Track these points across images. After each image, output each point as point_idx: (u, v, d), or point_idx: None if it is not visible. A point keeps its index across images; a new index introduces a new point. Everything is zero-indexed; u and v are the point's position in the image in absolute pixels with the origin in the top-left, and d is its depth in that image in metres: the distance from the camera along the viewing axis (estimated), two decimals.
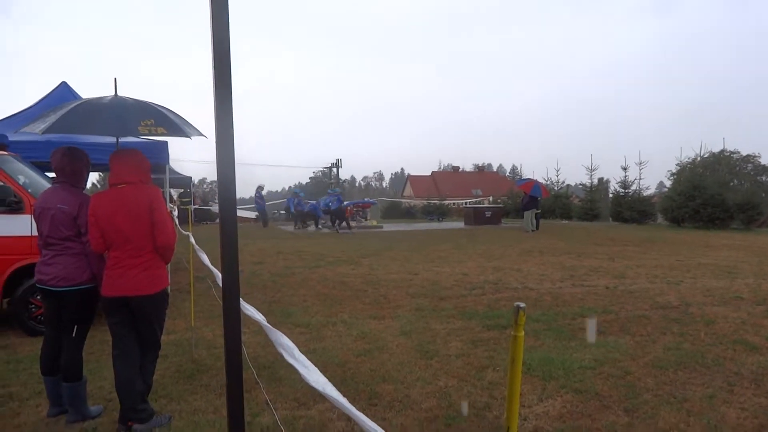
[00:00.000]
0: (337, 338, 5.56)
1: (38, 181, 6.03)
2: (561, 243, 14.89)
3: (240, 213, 39.18)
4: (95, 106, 3.64)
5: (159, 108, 3.82)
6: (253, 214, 41.70)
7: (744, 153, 31.97)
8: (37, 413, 3.82)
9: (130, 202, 3.47)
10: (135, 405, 3.49)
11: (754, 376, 4.35)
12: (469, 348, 5.17)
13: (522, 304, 1.26)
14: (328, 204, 21.33)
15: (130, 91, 4.10)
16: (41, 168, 6.67)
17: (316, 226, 22.14)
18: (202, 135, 3.84)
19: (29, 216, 5.50)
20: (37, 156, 6.98)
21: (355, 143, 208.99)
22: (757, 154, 31.84)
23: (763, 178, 31.96)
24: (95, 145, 6.95)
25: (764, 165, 31.89)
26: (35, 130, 3.49)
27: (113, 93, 3.95)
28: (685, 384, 4.22)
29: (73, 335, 3.65)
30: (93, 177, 38.17)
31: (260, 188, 23.57)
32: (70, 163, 3.72)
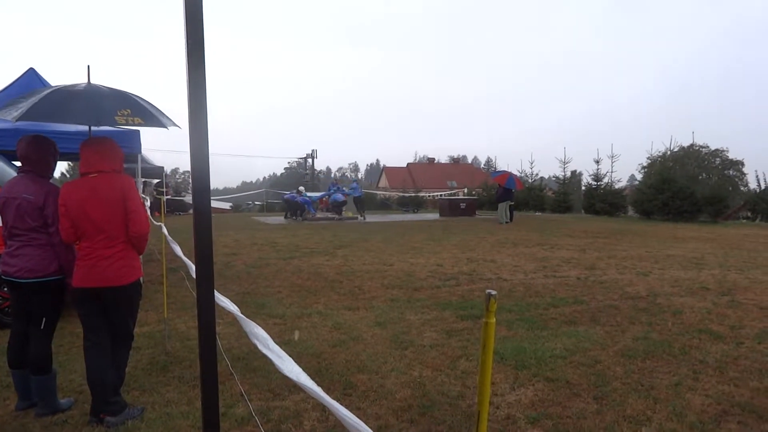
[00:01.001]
0: (311, 329, 5.56)
1: (4, 170, 5.87)
2: (534, 234, 15.09)
3: (214, 204, 38.86)
4: (69, 93, 3.55)
5: (135, 97, 3.75)
6: (227, 205, 41.35)
7: (713, 147, 32.72)
8: (5, 407, 3.74)
9: (102, 191, 3.41)
10: (107, 397, 3.45)
11: (718, 364, 4.49)
12: (443, 338, 5.23)
13: (493, 292, 1.28)
14: (351, 193, 23.34)
15: (102, 79, 4.00)
16: (9, 157, 6.49)
17: (300, 216, 23.23)
18: (177, 126, 3.79)
19: None
20: (3, 144, 6.79)
21: (331, 134, 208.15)
22: (725, 149, 32.60)
23: (731, 172, 32.79)
24: (65, 134, 6.78)
25: (732, 159, 32.72)
26: (8, 117, 3.39)
27: (86, 81, 3.86)
28: (652, 372, 4.33)
29: (42, 327, 3.58)
30: (62, 166, 37.31)
31: (299, 191, 24.00)
32: (35, 152, 3.62)
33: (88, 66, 3.96)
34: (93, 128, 5.05)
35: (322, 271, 9.02)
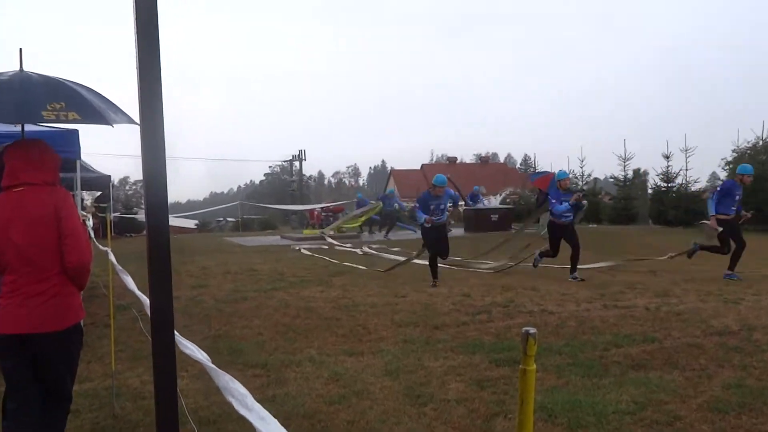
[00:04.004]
0: (303, 381, 5.54)
1: None
2: (588, 252, 15.01)
3: (175, 221, 39.08)
4: None
5: (73, 87, 3.77)
6: (192, 223, 41.55)
7: None
8: None
9: (30, 209, 3.42)
10: None
11: None
12: (472, 390, 5.19)
13: (532, 329, 1.27)
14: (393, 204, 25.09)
15: (39, 66, 4.04)
16: None
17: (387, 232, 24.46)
18: (133, 122, 3.79)
19: None
20: None
21: (323, 130, 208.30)
22: None
23: None
24: None
25: None
26: None
27: (18, 67, 3.89)
28: (750, 431, 4.28)
29: None
30: None
31: (389, 195, 24.81)
32: None
33: (21, 49, 3.99)
34: (27, 128, 5.10)
35: (314, 305, 9.01)
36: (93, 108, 3.66)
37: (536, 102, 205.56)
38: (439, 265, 11.15)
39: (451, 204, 15.54)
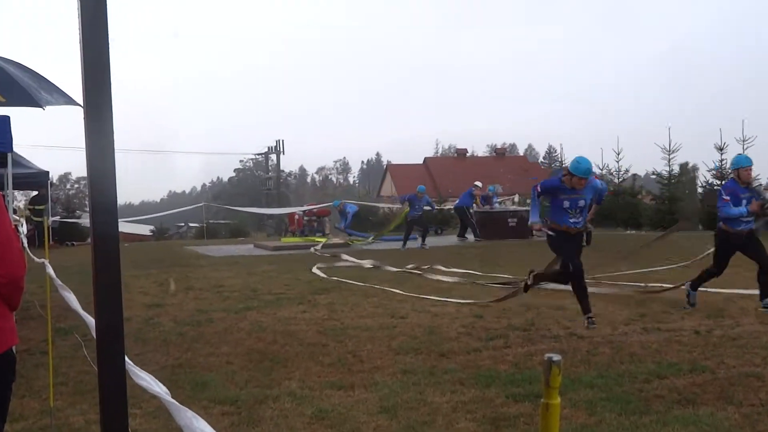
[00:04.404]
0: (281, 420, 5.53)
1: None
2: (624, 264, 15.03)
3: (126, 227, 38.94)
4: None
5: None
6: (147, 229, 41.43)
7: None
8: None
9: None
10: None
11: None
12: (486, 431, 5.19)
13: (556, 356, 1.28)
14: (352, 210, 25.95)
15: None
16: None
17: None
18: (74, 102, 3.79)
19: None
20: None
21: (305, 118, 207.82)
22: None
23: None
24: None
25: None
26: None
27: None
28: None
29: None
30: None
31: (419, 194, 24.07)
32: None
33: None
34: None
35: (295, 328, 9.00)
36: (21, 87, 3.65)
37: (563, 83, 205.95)
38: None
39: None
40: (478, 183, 26.16)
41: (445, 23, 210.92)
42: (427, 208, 23.57)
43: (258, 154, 76.02)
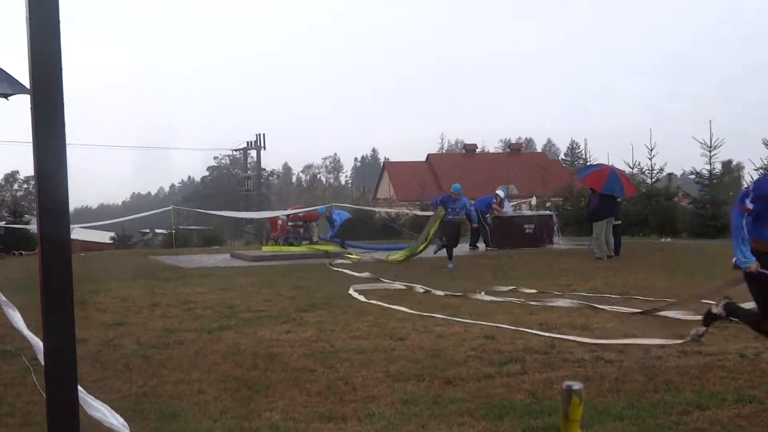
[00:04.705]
0: None
1: None
2: (660, 278, 15.05)
3: (81, 234, 38.93)
4: None
5: None
6: (106, 236, 41.45)
7: None
8: None
9: None
10: None
11: None
12: None
13: (577, 385, 1.25)
14: (339, 218, 26.12)
15: None
16: None
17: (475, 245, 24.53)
18: (23, 89, 3.79)
19: None
20: None
21: (290, 110, 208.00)
22: None
23: None
24: None
25: None
26: None
27: None
28: None
29: None
30: None
31: (457, 194, 22.93)
32: None
33: None
34: None
35: (278, 351, 8.97)
36: None
37: (586, 68, 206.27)
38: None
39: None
40: (500, 192, 25.90)
41: (453, 4, 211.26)
42: (472, 210, 21.94)
43: (235, 150, 76.12)
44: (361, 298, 13.23)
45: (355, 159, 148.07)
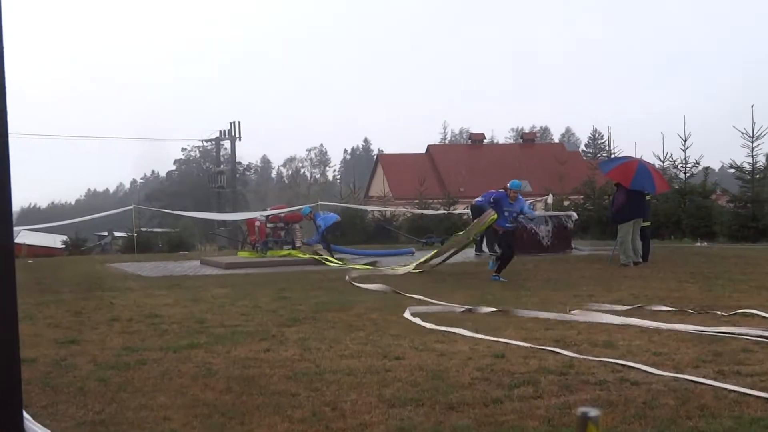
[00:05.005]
0: None
1: None
2: (694, 288, 15.06)
3: (27, 237, 38.72)
4: None
5: None
6: (57, 240, 41.33)
7: None
8: None
9: None
10: None
11: None
12: None
13: (593, 411, 1.26)
14: (324, 222, 26.23)
15: None
16: None
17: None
18: None
19: None
20: None
21: (269, 96, 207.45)
22: None
23: None
24: None
25: None
26: None
27: None
28: None
29: None
30: None
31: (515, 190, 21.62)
32: None
33: None
34: None
35: (256, 372, 8.97)
36: None
37: (609, 48, 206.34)
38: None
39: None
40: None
41: None
42: (520, 218, 19.11)
43: (206, 141, 75.94)
44: (422, 323, 11.95)
45: (345, 151, 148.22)
